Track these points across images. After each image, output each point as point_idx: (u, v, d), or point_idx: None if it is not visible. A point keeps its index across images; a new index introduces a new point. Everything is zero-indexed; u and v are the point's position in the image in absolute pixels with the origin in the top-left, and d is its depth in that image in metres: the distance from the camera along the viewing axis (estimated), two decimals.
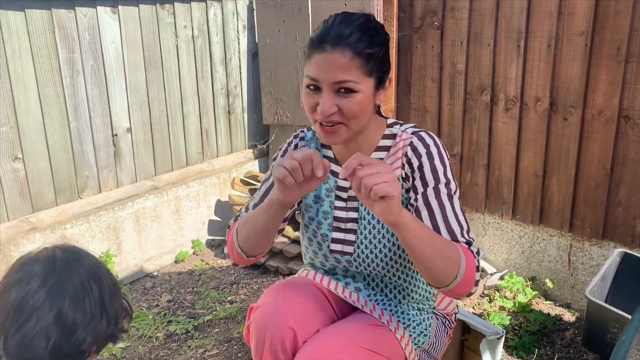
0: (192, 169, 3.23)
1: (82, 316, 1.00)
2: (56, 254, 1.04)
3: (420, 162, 1.35)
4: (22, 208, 2.55)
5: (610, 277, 2.30)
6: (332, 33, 1.25)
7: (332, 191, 1.47)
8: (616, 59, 2.28)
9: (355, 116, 1.29)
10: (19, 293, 0.98)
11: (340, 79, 1.25)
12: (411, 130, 1.41)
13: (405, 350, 1.42)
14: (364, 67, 1.26)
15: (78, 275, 1.03)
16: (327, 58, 1.25)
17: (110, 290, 1.07)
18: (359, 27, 1.27)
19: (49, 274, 1.00)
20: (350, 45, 1.24)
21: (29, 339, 0.96)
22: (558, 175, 2.54)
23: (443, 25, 2.78)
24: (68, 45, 2.59)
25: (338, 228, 1.47)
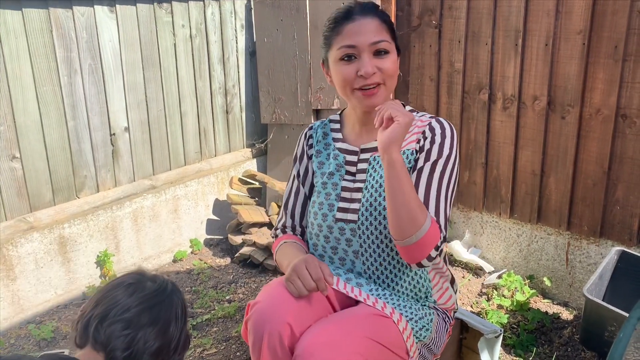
0: (190, 168, 3.23)
1: (159, 345, 1.13)
2: (168, 284, 1.20)
3: (433, 137, 1.47)
4: (20, 207, 2.54)
5: (608, 275, 2.30)
6: (356, 7, 1.45)
7: (342, 166, 1.58)
8: (614, 57, 2.28)
9: (391, 75, 1.46)
10: (127, 298, 1.13)
11: (377, 39, 1.43)
12: (429, 116, 1.55)
13: (407, 342, 1.42)
14: (390, 32, 1.47)
15: (175, 311, 1.17)
16: (360, 24, 1.43)
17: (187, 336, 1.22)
18: (374, 5, 1.49)
19: (157, 295, 1.16)
20: (377, 14, 1.46)
21: (116, 336, 1.09)
22: (556, 174, 2.55)
23: (441, 24, 2.78)
24: (65, 45, 2.59)
25: (344, 198, 1.54)
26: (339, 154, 1.58)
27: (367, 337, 1.34)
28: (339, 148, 1.58)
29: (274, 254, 1.66)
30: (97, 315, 1.10)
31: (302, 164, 1.66)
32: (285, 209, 1.69)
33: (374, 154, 1.52)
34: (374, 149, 1.52)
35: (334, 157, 1.58)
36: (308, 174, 1.66)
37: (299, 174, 1.67)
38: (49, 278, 2.60)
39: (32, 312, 2.56)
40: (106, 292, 1.15)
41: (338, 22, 1.45)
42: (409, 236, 1.33)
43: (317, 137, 1.64)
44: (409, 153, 1.48)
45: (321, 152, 1.62)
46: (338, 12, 1.47)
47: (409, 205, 1.32)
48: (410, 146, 1.49)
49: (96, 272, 2.79)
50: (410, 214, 1.32)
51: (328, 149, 1.61)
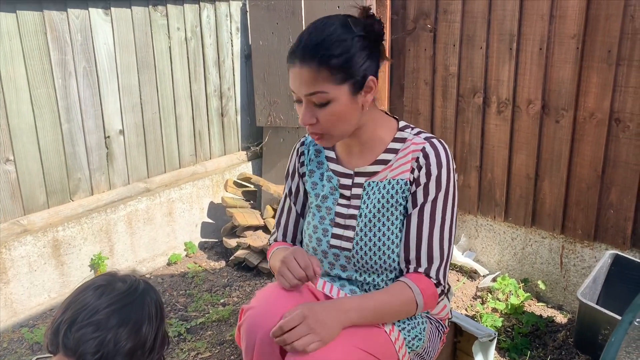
0: (185, 171, 3.22)
1: (132, 345, 1.10)
2: (140, 283, 1.17)
3: (429, 169, 1.39)
4: (14, 210, 2.53)
5: (602, 278, 2.31)
6: (300, 47, 1.30)
7: (336, 190, 1.51)
8: (607, 61, 2.30)
9: (332, 125, 1.34)
10: (96, 300, 1.10)
11: (310, 92, 1.30)
12: (424, 135, 1.44)
13: (399, 353, 1.41)
14: (333, 77, 1.29)
15: (148, 309, 1.14)
16: (297, 72, 1.31)
17: (163, 336, 1.19)
18: (328, 36, 1.30)
19: (127, 296, 1.13)
20: (314, 58, 1.28)
21: (85, 340, 1.06)
22: (550, 178, 2.55)
23: (436, 28, 2.79)
24: (60, 47, 2.58)
25: (338, 224, 1.49)
26: (333, 176, 1.50)
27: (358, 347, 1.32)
28: (333, 170, 1.50)
29: (269, 260, 1.63)
30: (66, 320, 1.08)
31: (294, 182, 1.60)
32: (277, 226, 1.65)
33: (369, 179, 1.45)
34: (369, 173, 1.45)
35: (327, 179, 1.51)
36: (300, 193, 1.60)
37: (290, 191, 1.61)
38: (43, 281, 2.59)
39: (26, 315, 2.55)
40: (75, 296, 1.13)
41: (287, 60, 1.34)
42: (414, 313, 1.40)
43: (309, 155, 1.56)
44: (402, 183, 1.41)
45: (314, 172, 1.54)
46: (290, 47, 1.35)
47: (395, 315, 1.38)
48: (403, 176, 1.41)
49: (90, 275, 2.77)
50: (400, 313, 1.38)
51: (321, 169, 1.53)
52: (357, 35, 1.31)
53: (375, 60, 1.36)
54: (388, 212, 1.43)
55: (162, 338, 1.18)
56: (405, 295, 1.35)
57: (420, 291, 1.36)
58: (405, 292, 1.35)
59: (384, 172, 1.44)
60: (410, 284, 1.36)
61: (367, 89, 1.35)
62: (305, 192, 1.59)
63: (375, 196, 1.44)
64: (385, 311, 1.35)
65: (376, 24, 1.36)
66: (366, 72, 1.33)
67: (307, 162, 1.57)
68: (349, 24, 1.32)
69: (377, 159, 1.44)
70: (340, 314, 1.29)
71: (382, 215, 1.43)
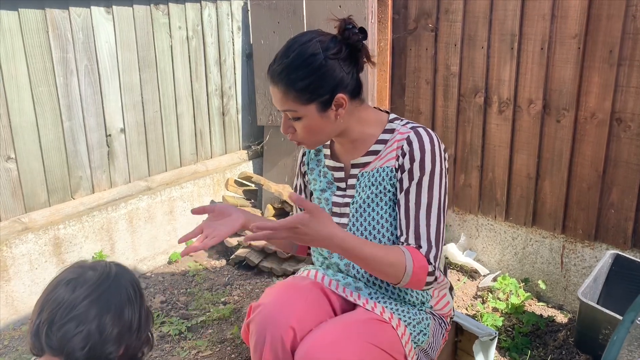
0: (186, 170, 3.23)
1: (118, 330, 1.09)
2: (111, 268, 1.14)
3: (412, 154, 1.43)
4: (15, 208, 2.53)
5: (602, 278, 2.31)
6: (272, 69, 1.42)
7: (332, 183, 1.59)
8: (609, 61, 2.30)
9: (307, 136, 1.45)
10: (70, 294, 1.07)
11: (282, 109, 1.43)
12: (411, 125, 1.50)
13: (405, 347, 1.43)
14: (299, 98, 1.39)
15: (125, 291, 1.12)
16: (271, 91, 1.43)
17: (147, 313, 1.17)
18: (292, 60, 1.38)
19: (101, 283, 1.10)
20: (281, 81, 1.39)
21: (70, 337, 1.05)
22: (551, 177, 2.55)
23: (437, 28, 2.79)
24: (62, 45, 2.58)
25: (335, 213, 1.56)
26: (327, 171, 1.59)
27: (367, 341, 1.34)
28: (327, 165, 1.59)
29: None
30: (44, 321, 1.06)
31: (298, 180, 1.72)
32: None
33: (362, 170, 1.51)
34: (362, 164, 1.52)
35: (323, 175, 1.60)
36: (302, 190, 1.71)
37: (295, 188, 1.74)
38: (44, 279, 2.59)
39: (27, 313, 2.55)
40: (47, 295, 1.10)
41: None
42: (398, 283, 1.38)
43: (309, 154, 1.66)
44: (388, 170, 1.47)
45: (314, 170, 1.64)
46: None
47: (382, 268, 1.35)
48: (389, 163, 1.47)
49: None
50: (388, 272, 1.36)
51: (319, 166, 1.62)
52: (326, 57, 1.38)
53: (352, 72, 1.43)
54: (377, 198, 1.49)
55: (147, 315, 1.17)
56: (398, 257, 1.36)
57: (412, 259, 1.37)
58: (399, 255, 1.37)
59: (375, 162, 1.50)
60: (404, 250, 1.38)
61: (338, 104, 1.42)
62: (310, 190, 1.68)
63: (367, 185, 1.50)
64: (374, 263, 1.35)
65: (353, 35, 1.41)
66: (335, 89, 1.40)
67: (308, 160, 1.65)
68: (317, 45, 1.38)
69: (369, 150, 1.51)
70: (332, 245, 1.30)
71: (372, 201, 1.49)
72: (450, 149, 2.87)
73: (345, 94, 1.41)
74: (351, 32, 1.40)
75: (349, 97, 1.43)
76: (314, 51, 1.38)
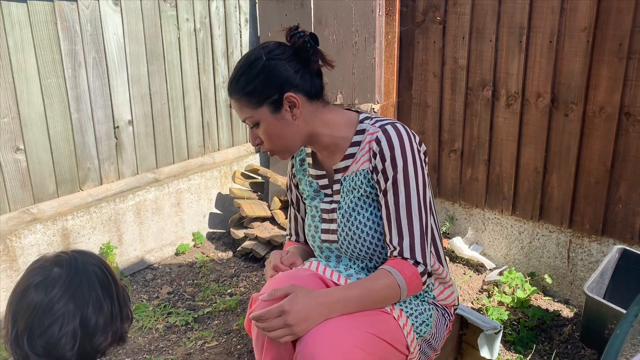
0: (193, 162, 3.24)
1: (103, 319, 1.07)
2: (76, 259, 1.09)
3: (382, 153, 1.44)
4: (24, 199, 2.56)
5: (609, 273, 2.30)
6: (228, 82, 1.48)
7: (319, 191, 1.61)
8: (618, 55, 2.28)
9: (272, 143, 1.48)
10: (44, 297, 1.03)
11: (243, 118, 1.47)
12: (379, 124, 1.50)
13: (407, 338, 1.44)
14: (250, 102, 1.44)
15: (98, 279, 1.09)
16: (231, 104, 1.49)
17: (123, 292, 1.15)
18: (239, 69, 1.45)
19: (72, 279, 1.06)
20: (233, 91, 1.46)
21: (56, 340, 1.02)
22: (558, 172, 2.54)
23: (445, 20, 2.78)
24: (70, 37, 2.60)
25: (325, 219, 1.59)
26: (312, 180, 1.61)
27: (368, 331, 1.35)
28: (311, 174, 1.62)
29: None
30: (22, 330, 1.02)
31: (292, 193, 1.73)
32: (289, 230, 1.79)
33: (344, 174, 1.53)
34: (343, 169, 1.53)
35: (309, 185, 1.63)
36: (299, 201, 1.72)
37: (291, 201, 1.75)
38: None
39: None
40: (19, 303, 1.05)
41: None
42: (400, 299, 1.43)
43: (296, 165, 1.68)
44: (365, 173, 1.48)
45: (302, 180, 1.66)
46: None
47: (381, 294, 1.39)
48: (364, 166, 1.48)
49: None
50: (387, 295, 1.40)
51: (306, 176, 1.64)
52: (268, 58, 1.42)
53: (300, 71, 1.45)
54: (361, 202, 1.50)
55: (124, 296, 1.14)
56: (387, 280, 1.39)
57: (399, 273, 1.39)
58: (387, 277, 1.39)
59: (352, 166, 1.51)
60: (389, 269, 1.40)
61: (290, 104, 1.44)
62: (303, 199, 1.70)
63: (349, 189, 1.52)
64: (370, 298, 1.38)
65: (298, 39, 1.45)
66: (282, 88, 1.43)
67: (296, 172, 1.68)
68: (259, 50, 1.45)
69: (345, 154, 1.52)
70: (325, 308, 1.32)
71: (356, 205, 1.51)
72: (458, 143, 2.86)
73: (296, 93, 1.43)
74: (297, 37, 1.45)
75: (305, 97, 1.45)
76: (257, 56, 1.44)
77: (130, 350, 2.31)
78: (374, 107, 2.93)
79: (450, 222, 3.00)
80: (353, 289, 1.37)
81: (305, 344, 1.29)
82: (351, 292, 1.37)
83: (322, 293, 1.35)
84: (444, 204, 3.02)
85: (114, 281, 1.12)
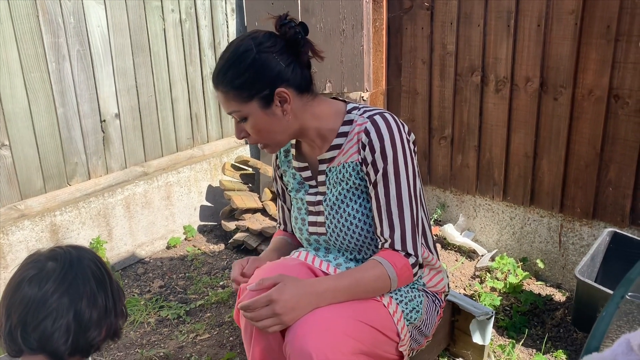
0: (182, 155, 3.21)
1: (97, 313, 1.07)
2: (71, 254, 1.10)
3: (372, 145, 1.42)
4: (10, 195, 2.53)
5: (600, 256, 2.31)
6: (213, 74, 1.42)
7: (303, 184, 1.59)
8: (606, 37, 2.26)
9: (261, 137, 1.44)
10: (37, 291, 1.03)
11: (228, 111, 1.43)
12: (367, 114, 1.46)
13: (397, 325, 1.43)
14: (239, 96, 1.38)
15: (92, 274, 1.09)
16: (217, 96, 1.44)
17: (117, 287, 1.15)
18: (227, 60, 1.39)
19: (66, 273, 1.06)
20: (220, 83, 1.40)
21: (49, 334, 1.02)
22: (548, 156, 2.54)
23: (433, 6, 2.75)
24: (53, 30, 2.56)
25: (311, 212, 1.57)
26: (295, 172, 1.59)
27: (358, 319, 1.34)
28: (295, 167, 1.59)
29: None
30: (15, 324, 1.02)
31: (278, 185, 1.71)
32: (279, 219, 1.79)
33: (329, 165, 1.50)
34: (328, 159, 1.50)
35: (292, 177, 1.61)
36: (284, 192, 1.71)
37: (277, 192, 1.73)
38: None
39: None
40: (12, 297, 1.05)
41: None
42: (389, 290, 1.42)
43: (280, 157, 1.65)
44: (353, 165, 1.46)
45: (286, 172, 1.64)
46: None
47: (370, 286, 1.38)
48: (353, 158, 1.46)
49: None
50: (377, 287, 1.39)
51: (290, 168, 1.62)
52: (259, 51, 1.37)
53: (292, 64, 1.40)
54: (349, 194, 1.48)
55: (117, 290, 1.14)
56: (377, 270, 1.38)
57: (390, 265, 1.38)
58: (377, 268, 1.38)
59: (339, 157, 1.48)
60: (380, 260, 1.39)
61: (281, 99, 1.39)
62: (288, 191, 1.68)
63: (336, 181, 1.50)
64: (360, 289, 1.37)
65: (289, 30, 1.40)
66: (274, 83, 1.38)
67: (281, 164, 1.65)
68: (249, 42, 1.39)
69: (332, 144, 1.49)
70: (313, 297, 1.31)
71: (344, 197, 1.49)
72: (448, 130, 2.85)
73: (287, 88, 1.39)
74: (287, 27, 1.40)
75: (295, 92, 1.41)
76: (247, 47, 1.38)
77: (122, 344, 2.30)
78: (363, 95, 2.91)
79: (441, 209, 2.99)
80: (343, 279, 1.37)
81: (294, 333, 1.28)
82: (341, 282, 1.36)
83: (310, 282, 1.34)
84: (435, 191, 3.01)
85: (109, 276, 1.12)
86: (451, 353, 2.08)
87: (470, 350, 2.02)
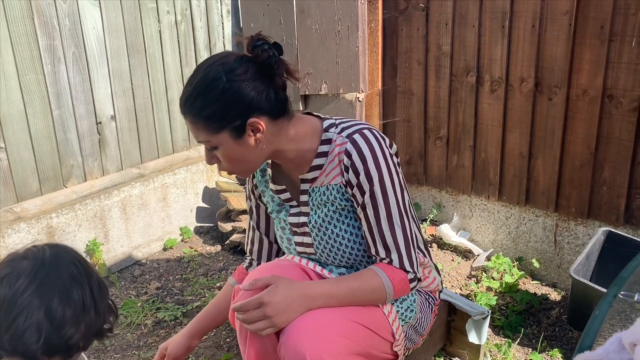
0: (178, 156, 3.21)
1: (71, 311, 1.04)
2: (45, 252, 1.08)
3: (355, 167, 1.37)
4: (6, 198, 2.53)
5: (595, 255, 2.32)
6: (180, 99, 1.34)
7: (283, 205, 1.55)
8: (600, 37, 2.28)
9: (233, 165, 1.38)
10: (8, 290, 1.01)
11: (198, 140, 1.36)
12: (346, 132, 1.41)
13: (392, 325, 1.44)
14: (208, 127, 1.31)
15: (67, 271, 1.06)
16: (186, 123, 1.37)
17: (99, 285, 1.12)
18: (195, 87, 1.30)
19: (38, 270, 1.04)
20: (188, 111, 1.32)
21: (20, 334, 0.99)
22: (543, 156, 2.55)
23: (428, 7, 2.76)
24: (48, 32, 2.55)
25: (297, 232, 1.54)
26: (274, 195, 1.55)
27: (352, 320, 1.34)
28: (272, 189, 1.55)
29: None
30: None
31: (252, 202, 1.67)
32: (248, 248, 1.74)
33: (312, 185, 1.46)
34: (310, 180, 1.46)
35: (271, 199, 1.57)
36: (258, 211, 1.67)
37: (250, 211, 1.69)
38: None
39: None
40: None
41: None
42: (386, 301, 1.42)
43: (257, 177, 1.60)
44: (337, 187, 1.42)
45: (265, 192, 1.59)
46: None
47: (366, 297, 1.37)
48: (336, 180, 1.41)
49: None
50: (373, 298, 1.38)
51: (268, 188, 1.57)
52: (229, 80, 1.28)
53: (265, 91, 1.32)
54: (336, 215, 1.45)
55: (99, 287, 1.12)
56: (375, 282, 1.37)
57: (388, 278, 1.37)
58: (375, 280, 1.37)
59: (321, 177, 1.44)
60: (379, 272, 1.38)
61: (254, 129, 1.33)
62: (264, 210, 1.65)
63: (320, 202, 1.46)
64: (355, 298, 1.36)
65: (262, 53, 1.30)
66: (246, 113, 1.30)
67: (258, 184, 1.60)
68: (219, 68, 1.29)
69: (312, 165, 1.44)
70: (305, 300, 1.30)
71: (331, 218, 1.46)
72: (443, 130, 2.86)
73: (260, 117, 1.32)
74: (260, 49, 1.31)
75: (269, 119, 1.33)
76: (216, 75, 1.28)
77: (119, 346, 2.30)
78: (359, 96, 2.92)
79: (437, 209, 3.00)
80: (339, 287, 1.35)
81: (288, 334, 1.28)
82: (337, 290, 1.34)
83: (304, 285, 1.33)
84: (431, 191, 3.02)
85: (87, 273, 1.10)
86: (447, 353, 2.09)
87: (466, 350, 2.03)
